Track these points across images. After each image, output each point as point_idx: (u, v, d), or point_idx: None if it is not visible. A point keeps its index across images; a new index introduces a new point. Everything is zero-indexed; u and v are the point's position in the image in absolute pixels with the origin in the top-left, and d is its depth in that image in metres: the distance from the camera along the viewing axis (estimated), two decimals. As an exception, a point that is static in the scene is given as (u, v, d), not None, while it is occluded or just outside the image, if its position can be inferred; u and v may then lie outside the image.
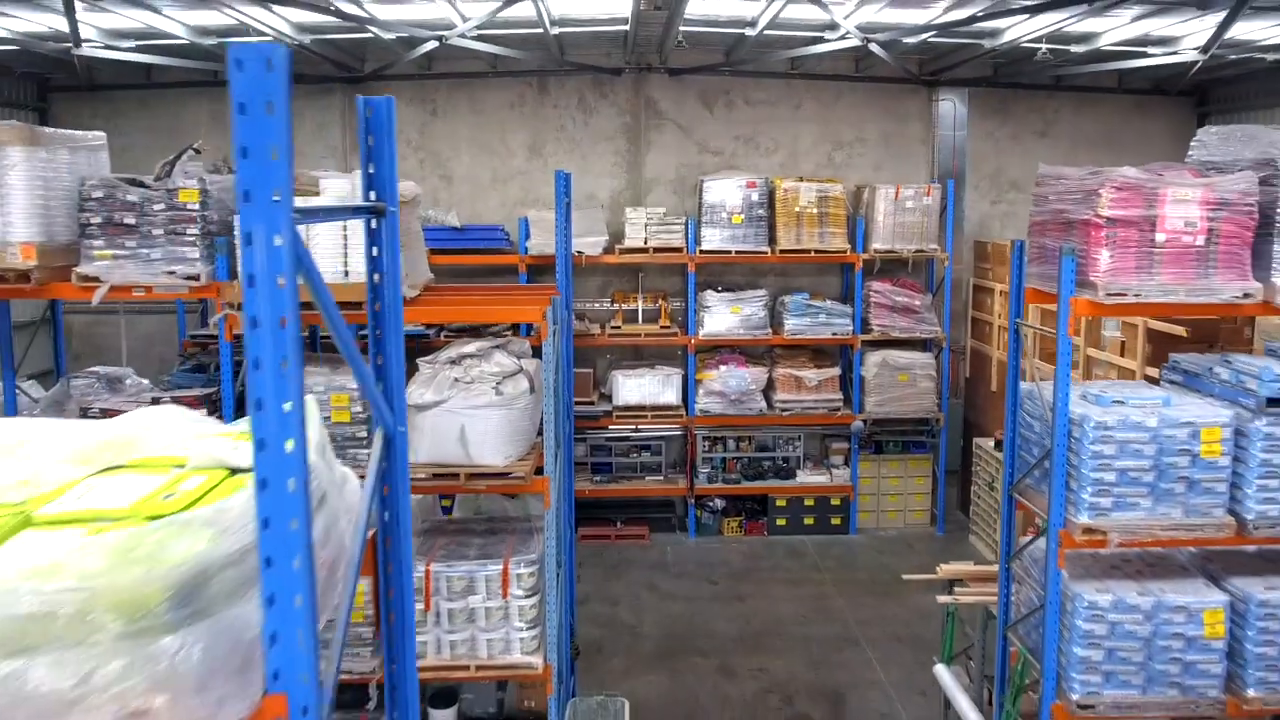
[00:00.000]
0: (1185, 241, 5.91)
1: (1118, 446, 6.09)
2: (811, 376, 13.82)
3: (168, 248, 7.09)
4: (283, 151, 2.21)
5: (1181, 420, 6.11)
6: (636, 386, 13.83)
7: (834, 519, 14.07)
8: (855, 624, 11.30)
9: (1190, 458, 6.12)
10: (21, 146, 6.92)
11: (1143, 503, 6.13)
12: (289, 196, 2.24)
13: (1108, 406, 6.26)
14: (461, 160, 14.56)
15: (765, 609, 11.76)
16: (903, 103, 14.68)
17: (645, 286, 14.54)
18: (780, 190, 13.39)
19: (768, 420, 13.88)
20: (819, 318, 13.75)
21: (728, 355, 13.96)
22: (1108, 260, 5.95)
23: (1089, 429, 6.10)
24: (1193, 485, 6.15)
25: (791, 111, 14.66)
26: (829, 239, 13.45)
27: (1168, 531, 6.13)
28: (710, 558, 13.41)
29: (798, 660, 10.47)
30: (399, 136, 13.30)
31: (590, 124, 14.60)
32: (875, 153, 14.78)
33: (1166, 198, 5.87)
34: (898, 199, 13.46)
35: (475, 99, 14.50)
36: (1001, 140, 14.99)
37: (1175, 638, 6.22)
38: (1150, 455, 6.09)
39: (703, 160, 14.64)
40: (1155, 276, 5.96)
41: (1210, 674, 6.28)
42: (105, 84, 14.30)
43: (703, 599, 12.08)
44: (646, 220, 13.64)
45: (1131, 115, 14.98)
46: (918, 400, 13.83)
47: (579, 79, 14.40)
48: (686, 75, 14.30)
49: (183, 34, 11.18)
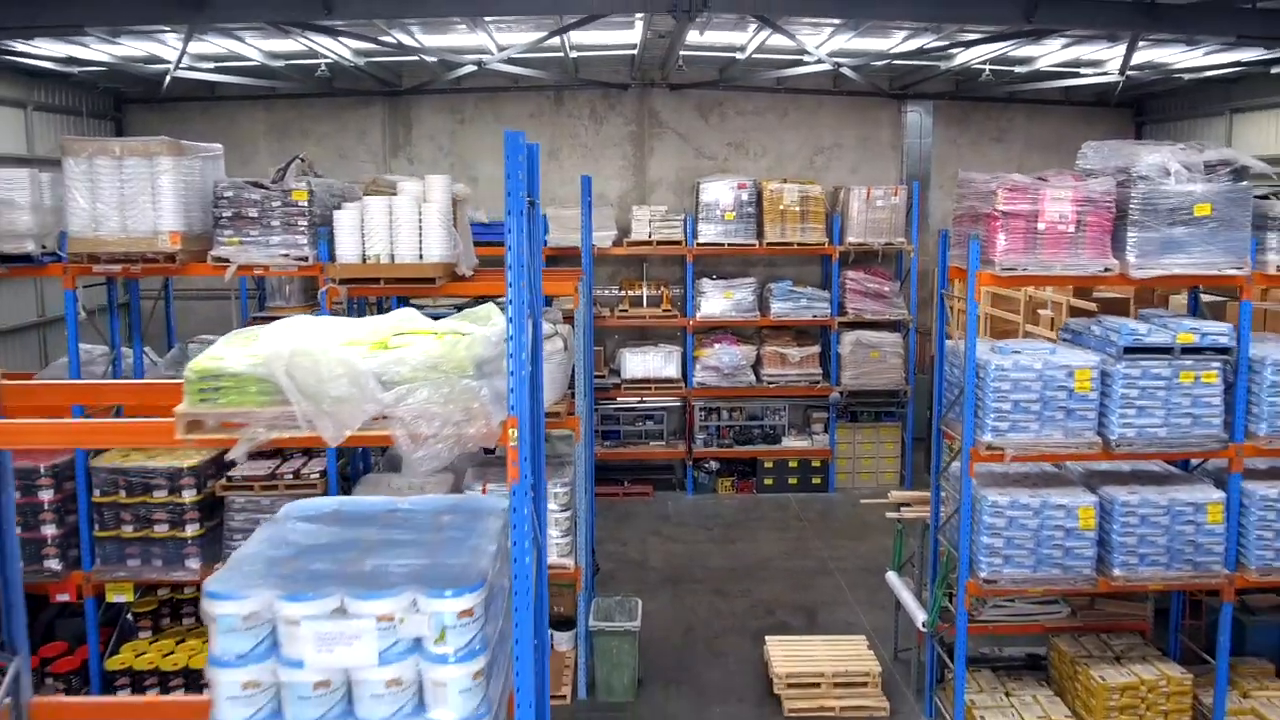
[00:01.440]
0: (1060, 229, 7.91)
1: (1012, 384, 8.09)
2: (795, 354, 15.83)
3: (282, 235, 9.06)
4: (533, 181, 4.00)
5: (1061, 364, 8.12)
6: (641, 362, 15.82)
7: (814, 479, 16.06)
8: (829, 559, 13.30)
9: (1067, 392, 8.11)
10: (169, 156, 8.90)
11: (1032, 426, 8.13)
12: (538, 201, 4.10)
13: (1007, 355, 8.26)
14: (486, 164, 16.52)
15: (753, 549, 13.74)
16: (875, 114, 16.70)
17: (649, 275, 16.53)
18: (767, 191, 15.38)
19: (756, 392, 15.89)
20: (801, 302, 15.76)
21: (721, 335, 15.96)
22: (1003, 243, 7.96)
23: (991, 371, 8.10)
24: (1070, 413, 8.15)
25: (777, 121, 16.67)
26: (810, 233, 15.44)
27: (1050, 448, 8.13)
28: (706, 511, 15.40)
29: (779, 585, 12.46)
30: (431, 143, 15.59)
31: (600, 132, 16.59)
32: (851, 157, 16.80)
33: (1045, 196, 7.87)
34: (869, 198, 15.45)
35: (499, 110, 16.49)
36: (962, 146, 17.00)
37: (1057, 529, 8.21)
38: (1037, 390, 8.09)
39: (699, 164, 16.64)
40: (1038, 255, 7.96)
41: (1084, 557, 8.27)
42: (173, 97, 16.23)
43: (700, 542, 14.07)
44: (650, 217, 15.62)
45: (1077, 124, 16.98)
46: (888, 375, 15.82)
47: (590, 93, 16.40)
48: (685, 90, 16.30)
49: (258, 58, 13.15)
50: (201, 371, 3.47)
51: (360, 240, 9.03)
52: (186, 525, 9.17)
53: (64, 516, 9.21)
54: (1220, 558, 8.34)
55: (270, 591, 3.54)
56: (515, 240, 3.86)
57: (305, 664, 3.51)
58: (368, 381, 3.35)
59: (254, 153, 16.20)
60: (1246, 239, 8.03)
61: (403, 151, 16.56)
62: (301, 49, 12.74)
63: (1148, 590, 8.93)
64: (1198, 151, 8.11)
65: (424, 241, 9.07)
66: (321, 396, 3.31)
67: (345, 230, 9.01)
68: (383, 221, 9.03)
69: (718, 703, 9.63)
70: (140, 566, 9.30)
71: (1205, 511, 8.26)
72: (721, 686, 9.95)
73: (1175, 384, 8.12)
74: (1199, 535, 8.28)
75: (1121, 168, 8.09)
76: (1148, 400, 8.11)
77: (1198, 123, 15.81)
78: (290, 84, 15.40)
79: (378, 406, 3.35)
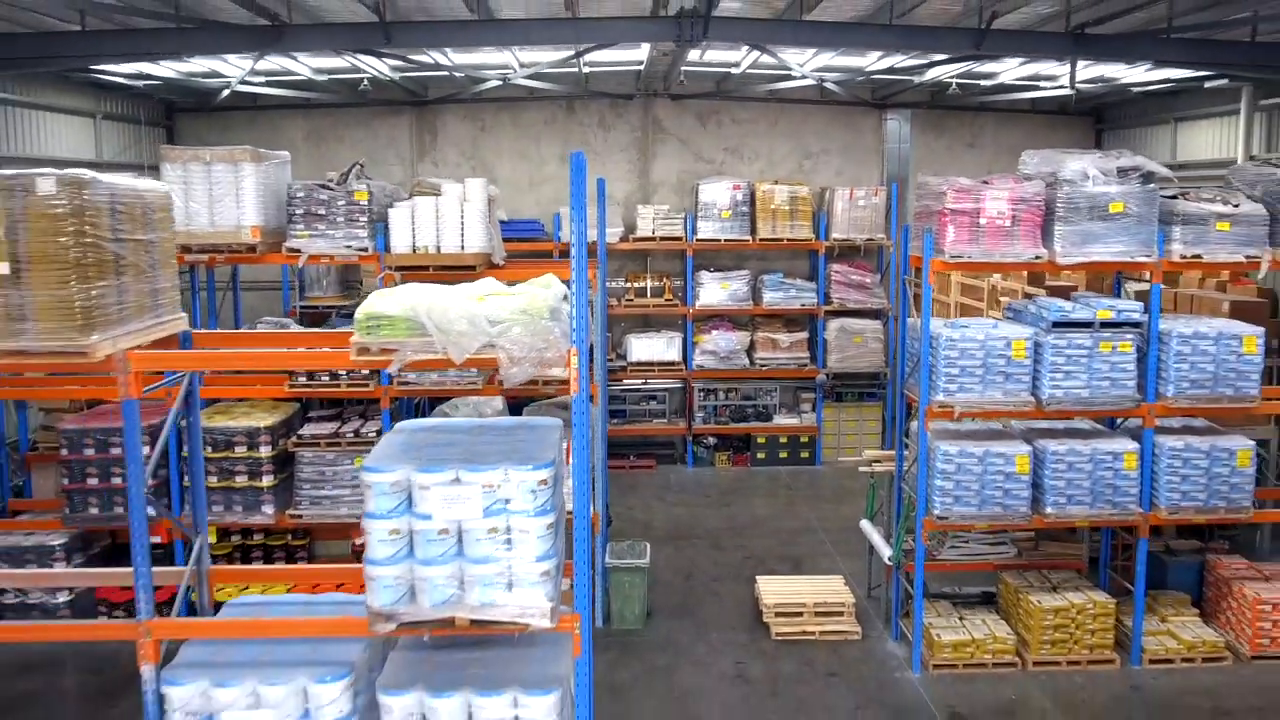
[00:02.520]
0: (998, 224, 9.54)
1: (960, 352, 9.71)
2: (785, 339, 17.46)
3: (346, 229, 10.69)
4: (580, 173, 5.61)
5: (1000, 336, 9.75)
6: (645, 347, 17.44)
7: (803, 453, 17.68)
8: (814, 520, 14.92)
9: (1006, 359, 9.74)
10: (251, 162, 10.54)
11: (976, 388, 9.74)
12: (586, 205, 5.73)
13: (956, 329, 9.89)
14: (504, 167, 18.14)
15: (746, 513, 15.36)
16: (858, 121, 18.35)
17: (652, 268, 18.16)
18: (760, 191, 17.00)
19: (750, 374, 17.52)
20: (790, 292, 17.39)
21: (718, 322, 17.59)
22: (951, 235, 9.59)
23: (943, 342, 9.72)
24: (1008, 376, 9.77)
25: (769, 128, 18.31)
26: (798, 230, 17.06)
27: (991, 405, 9.76)
28: (704, 481, 17.03)
29: (770, 541, 14.07)
30: (454, 148, 17.36)
31: (608, 138, 18.22)
32: (836, 161, 18.44)
33: (986, 196, 9.50)
34: (852, 199, 17.08)
35: (516, 118, 18.12)
36: (938, 151, 18.63)
37: (999, 474, 9.83)
38: (980, 358, 9.71)
39: (698, 167, 18.27)
40: (980, 245, 9.59)
41: (1021, 498, 9.89)
42: (220, 106, 17.85)
43: (699, 506, 15.68)
44: (653, 215, 17.25)
45: (1043, 130, 18.61)
46: (869, 358, 17.45)
47: (599, 103, 18.02)
48: (685, 100, 17.94)
49: (306, 73, 14.77)
50: (367, 314, 5.05)
51: (411, 233, 10.67)
52: (263, 476, 10.80)
53: (157, 469, 10.81)
54: (1136, 499, 9.97)
55: (408, 467, 5.14)
56: (578, 229, 5.42)
57: (432, 517, 5.11)
58: (480, 320, 4.92)
59: (294, 157, 17.74)
60: (1154, 231, 9.66)
61: (428, 156, 18.18)
62: (346, 65, 14.35)
63: (1074, 525, 10.56)
64: (1114, 159, 9.75)
65: (465, 235, 10.71)
66: (449, 330, 4.88)
67: (399, 225, 10.65)
68: (430, 218, 10.67)
69: (715, 630, 11.25)
70: (223, 512, 10.94)
71: (1122, 460, 9.90)
72: (718, 618, 11.57)
73: (1096, 353, 9.75)
74: (1117, 480, 9.91)
75: (1050, 173, 9.73)
76: (1073, 366, 9.74)
77: (1148, 130, 17.45)
78: (326, 94, 17.00)
79: (487, 337, 4.92)
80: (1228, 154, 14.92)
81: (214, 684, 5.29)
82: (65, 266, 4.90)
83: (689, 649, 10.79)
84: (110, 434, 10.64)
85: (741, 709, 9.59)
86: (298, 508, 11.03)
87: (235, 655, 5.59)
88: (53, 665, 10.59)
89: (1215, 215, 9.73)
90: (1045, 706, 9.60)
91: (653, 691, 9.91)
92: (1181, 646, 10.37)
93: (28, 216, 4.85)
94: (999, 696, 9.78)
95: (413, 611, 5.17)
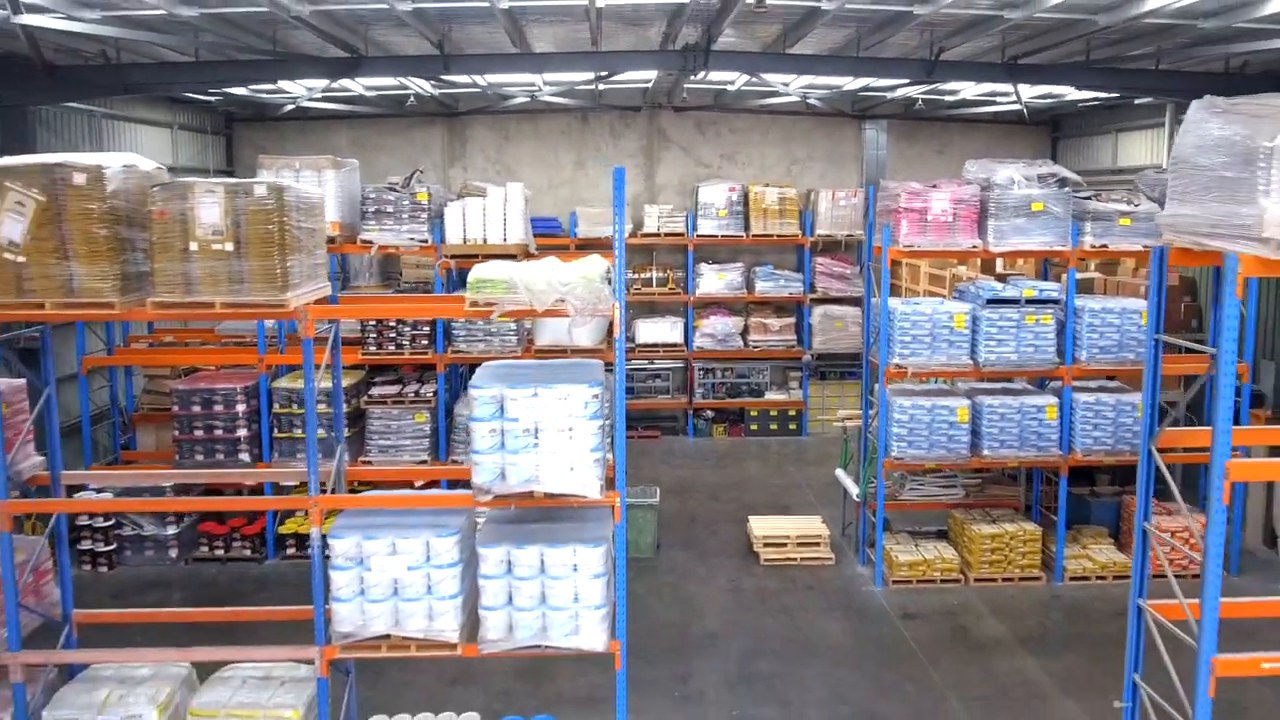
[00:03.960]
0: (942, 220, 11.81)
1: (912, 324, 11.99)
2: (775, 324, 19.73)
3: (409, 225, 12.94)
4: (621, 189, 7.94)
5: (945, 310, 12.03)
6: (652, 331, 19.71)
7: (791, 424, 19.96)
8: (799, 478, 17.20)
9: (950, 330, 12.02)
10: (331, 169, 12.78)
11: (925, 353, 12.02)
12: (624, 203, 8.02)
13: (910, 305, 12.18)
14: (526, 171, 20.38)
15: (740, 473, 17.63)
16: (840, 130, 20.64)
17: (657, 260, 20.42)
18: (753, 193, 19.28)
19: (744, 355, 19.79)
20: (780, 282, 19.67)
21: (716, 309, 19.86)
22: (905, 229, 11.86)
23: (898, 315, 12.00)
24: (951, 344, 12.05)
25: (761, 137, 20.60)
26: (787, 227, 19.34)
27: (937, 367, 12.04)
28: (704, 449, 19.30)
29: (760, 494, 16.34)
30: (481, 155, 19.95)
31: (618, 146, 20.50)
32: (820, 166, 20.73)
33: (931, 198, 11.78)
34: (834, 199, 19.36)
35: (536, 128, 20.38)
36: (911, 158, 20.91)
37: (944, 423, 12.10)
38: (928, 329, 11.99)
39: (698, 171, 20.55)
40: (928, 237, 11.87)
41: (962, 443, 12.16)
42: (275, 116, 20.10)
43: (699, 469, 17.95)
44: (658, 214, 19.52)
45: (1003, 139, 20.91)
46: (849, 340, 19.70)
47: (610, 114, 20.30)
48: (687, 111, 20.22)
49: (359, 90, 17.02)
50: (477, 278, 7.26)
51: (463, 228, 12.94)
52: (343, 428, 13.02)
53: (251, 423, 13.05)
54: (1056, 444, 12.26)
55: (501, 385, 7.39)
56: (619, 224, 7.64)
57: (518, 420, 7.35)
58: (555, 282, 7.13)
59: (339, 162, 20.06)
60: (1069, 226, 11.94)
61: (458, 162, 20.44)
62: (394, 84, 16.61)
63: (1006, 465, 12.84)
64: (1037, 167, 12.05)
65: (507, 229, 12.99)
66: (534, 289, 7.10)
67: (452, 221, 12.92)
68: (478, 215, 12.95)
69: (714, 557, 13.52)
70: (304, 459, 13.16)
71: (1045, 411, 12.18)
72: (716, 549, 13.84)
73: (1023, 324, 12.04)
74: (1041, 428, 12.20)
75: (986, 178, 12.02)
76: (1004, 335, 12.04)
77: (1095, 139, 19.76)
78: (368, 106, 19.24)
79: (559, 294, 7.13)
80: (1158, 160, 17.21)
81: (364, 537, 7.51)
82: (270, 246, 7.10)
83: (692, 571, 13.07)
84: (211, 394, 12.86)
85: (735, 611, 11.87)
86: (368, 455, 13.30)
87: (375, 521, 7.83)
88: (163, 586, 12.87)
89: (1118, 213, 12.03)
90: (981, 610, 11.88)
91: (664, 600, 12.18)
92: (1096, 566, 12.66)
93: (247, 211, 7.06)
94: (944, 603, 12.07)
95: (504, 487, 7.42)
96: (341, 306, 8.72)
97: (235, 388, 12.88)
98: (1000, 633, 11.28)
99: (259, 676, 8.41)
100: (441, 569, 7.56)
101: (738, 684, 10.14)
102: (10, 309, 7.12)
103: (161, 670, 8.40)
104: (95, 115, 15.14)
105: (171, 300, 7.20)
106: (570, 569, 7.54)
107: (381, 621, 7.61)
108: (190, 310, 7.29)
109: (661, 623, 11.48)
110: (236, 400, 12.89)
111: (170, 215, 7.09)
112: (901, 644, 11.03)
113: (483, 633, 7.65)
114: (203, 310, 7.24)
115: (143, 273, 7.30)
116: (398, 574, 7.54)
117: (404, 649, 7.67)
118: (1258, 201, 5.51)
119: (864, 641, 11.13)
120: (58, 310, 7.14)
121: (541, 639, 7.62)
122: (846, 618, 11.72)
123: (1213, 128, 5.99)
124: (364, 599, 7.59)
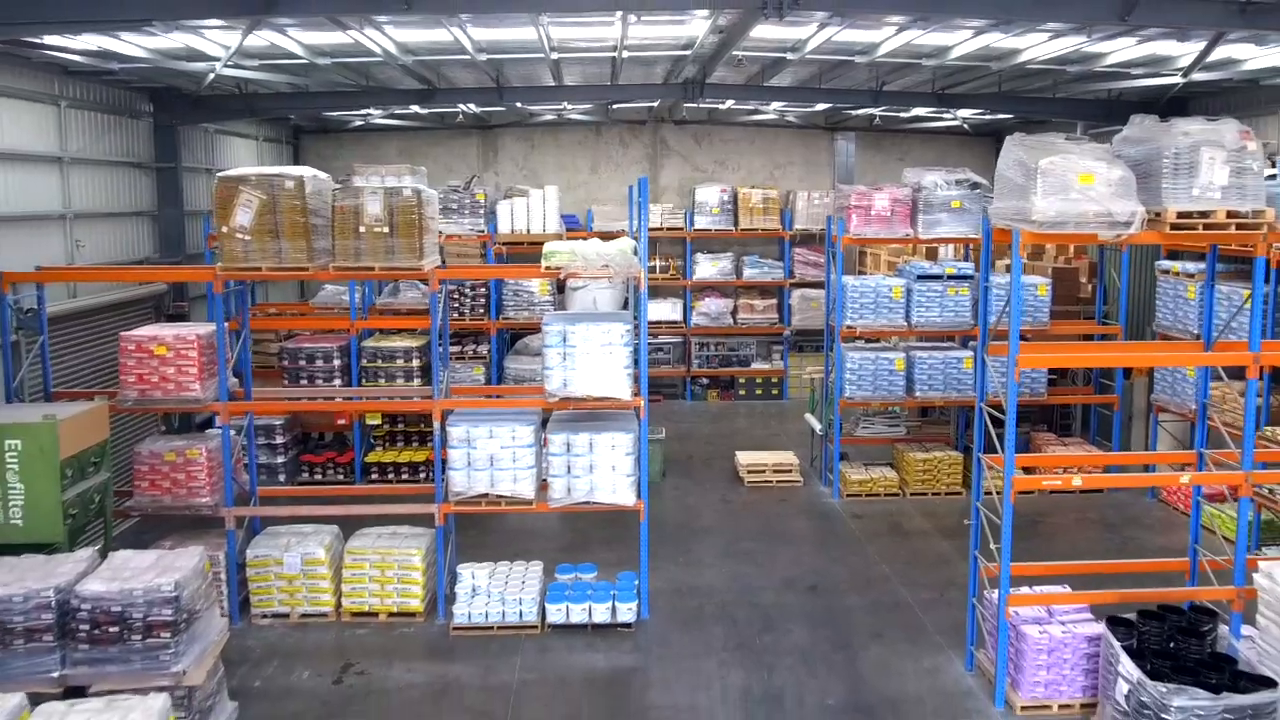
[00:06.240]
0: (883, 215, 15.41)
1: (860, 294, 15.61)
2: (760, 304, 23.35)
3: (470, 218, 16.56)
4: (645, 194, 11.55)
5: (886, 284, 15.65)
6: (655, 310, 23.28)
7: (773, 390, 23.58)
8: (779, 430, 20.82)
9: (889, 300, 15.64)
10: (409, 176, 16.34)
11: (869, 317, 15.63)
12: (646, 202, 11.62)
13: (859, 280, 15.80)
14: (549, 175, 23.95)
15: (730, 428, 21.24)
16: (815, 141, 24.29)
17: (660, 251, 24.02)
18: (741, 193, 22.89)
19: (734, 331, 23.41)
20: (764, 269, 23.30)
21: (710, 292, 23.48)
22: (855, 222, 15.49)
23: (850, 289, 15.62)
24: (891, 310, 15.66)
25: (748, 146, 24.24)
26: (770, 222, 22.96)
27: (879, 328, 15.67)
28: (700, 410, 22.90)
29: (746, 441, 19.92)
30: (511, 162, 24.10)
31: (627, 154, 24.12)
32: (798, 171, 24.38)
33: (874, 197, 15.39)
34: (810, 199, 22.98)
35: (557, 139, 23.99)
36: (876, 164, 24.54)
37: (885, 371, 15.72)
38: (873, 298, 15.61)
39: (695, 175, 24.18)
40: (872, 228, 15.50)
41: (899, 386, 15.78)
42: (333, 128, 23.65)
43: (696, 424, 21.55)
44: (661, 212, 23.12)
45: (956, 149, 24.55)
46: (822, 319, 23.20)
47: (619, 127, 23.92)
48: (685, 124, 23.85)
49: (416, 109, 20.60)
50: (549, 249, 10.86)
51: (511, 221, 16.57)
52: (415, 379, 16.60)
53: (344, 375, 16.58)
54: (972, 387, 15.88)
55: (565, 323, 10.97)
56: (642, 218, 11.18)
57: (577, 346, 10.93)
58: (602, 254, 10.71)
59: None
60: (979, 219, 15.54)
61: (491, 167, 24.03)
62: (447, 105, 20.19)
63: (934, 404, 16.47)
64: (956, 174, 15.67)
65: (546, 222, 16.62)
66: (590, 258, 10.67)
67: (503, 216, 16.57)
68: (524, 211, 16.61)
69: (708, 481, 17.14)
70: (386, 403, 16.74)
71: (962, 362, 15.81)
72: (710, 477, 17.46)
73: (945, 295, 15.67)
74: (960, 375, 15.83)
75: (918, 182, 15.66)
76: (931, 304, 15.66)
77: (1032, 148, 23.35)
78: (417, 121, 22.80)
79: (605, 261, 10.71)
80: (1075, 167, 20.82)
81: (470, 425, 11.08)
82: (413, 229, 10.64)
83: (691, 490, 16.69)
84: (313, 352, 16.38)
85: (724, 515, 15.49)
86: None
87: (475, 417, 11.41)
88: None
89: (1018, 209, 15.64)
90: (913, 513, 15.50)
91: (669, 509, 15.79)
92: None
93: (398, 206, 10.63)
94: (885, 509, 15.69)
95: (567, 392, 11.02)
96: (453, 269, 12.36)
97: (332, 347, 16.43)
98: (925, 526, 14.91)
99: (388, 533, 12.04)
100: (523, 448, 11.18)
101: (726, 557, 13.75)
102: (238, 272, 10.72)
103: (319, 528, 12.01)
104: (208, 131, 18.71)
105: (346, 265, 10.82)
106: (609, 448, 11.16)
107: (481, 484, 11.22)
108: (358, 273, 10.90)
109: (668, 522, 15.08)
110: (334, 356, 16.44)
111: (347, 209, 10.70)
112: (849, 534, 14.65)
113: (550, 493, 11.27)
114: (365, 272, 10.86)
115: (324, 248, 10.90)
116: (493, 451, 11.15)
117: (495, 505, 11.29)
118: (1030, 199, 9.11)
119: (820, 532, 14.75)
120: (271, 272, 10.75)
121: (590, 497, 11.24)
122: (808, 518, 15.35)
123: (1014, 153, 9.60)
124: (470, 469, 11.20)
